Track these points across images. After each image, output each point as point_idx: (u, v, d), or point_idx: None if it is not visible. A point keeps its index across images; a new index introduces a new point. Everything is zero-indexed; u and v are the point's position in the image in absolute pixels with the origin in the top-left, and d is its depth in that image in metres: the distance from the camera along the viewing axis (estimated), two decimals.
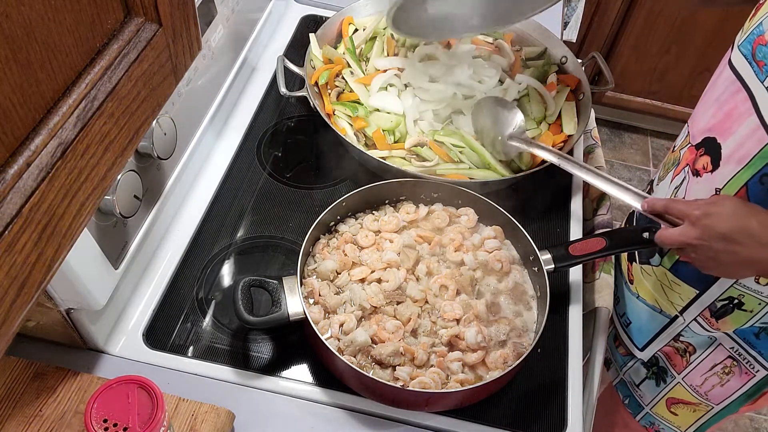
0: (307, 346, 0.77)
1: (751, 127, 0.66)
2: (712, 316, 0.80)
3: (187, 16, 0.42)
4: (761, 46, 0.66)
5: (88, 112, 0.34)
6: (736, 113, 0.69)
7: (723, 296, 0.77)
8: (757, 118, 0.65)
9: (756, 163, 0.66)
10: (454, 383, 0.72)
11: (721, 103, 0.73)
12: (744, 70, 0.68)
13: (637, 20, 1.93)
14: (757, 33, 0.67)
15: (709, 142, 0.73)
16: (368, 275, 0.79)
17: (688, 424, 0.94)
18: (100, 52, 0.35)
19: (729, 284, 0.76)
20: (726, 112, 0.71)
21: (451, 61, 1.01)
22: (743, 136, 0.68)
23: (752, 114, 0.66)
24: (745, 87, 0.68)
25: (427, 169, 0.91)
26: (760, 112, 0.65)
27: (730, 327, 0.80)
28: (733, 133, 0.69)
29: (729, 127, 0.70)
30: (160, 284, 0.83)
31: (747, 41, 0.68)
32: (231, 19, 0.94)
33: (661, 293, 0.84)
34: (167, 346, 0.78)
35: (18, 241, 0.32)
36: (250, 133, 1.02)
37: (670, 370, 0.89)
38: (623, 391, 1.02)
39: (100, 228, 0.68)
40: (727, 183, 0.70)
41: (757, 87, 0.66)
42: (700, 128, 0.76)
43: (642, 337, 0.91)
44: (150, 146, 0.72)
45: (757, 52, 0.66)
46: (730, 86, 0.71)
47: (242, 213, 0.92)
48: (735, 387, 0.86)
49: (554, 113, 0.99)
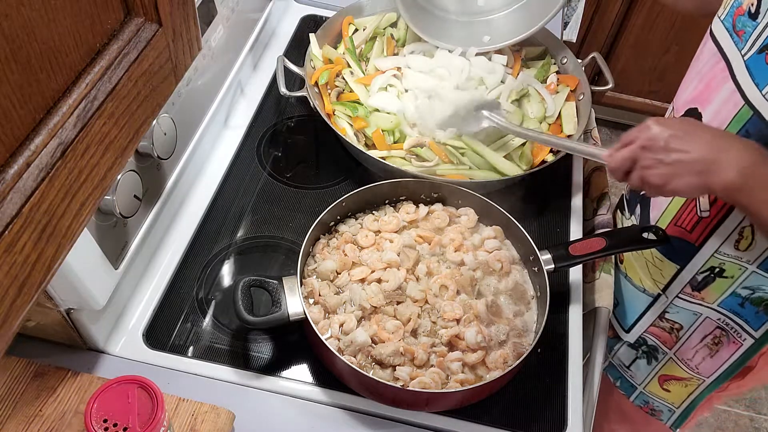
0: (307, 346, 0.77)
1: (727, 93, 0.68)
2: (694, 290, 0.82)
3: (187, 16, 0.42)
4: (740, 16, 0.68)
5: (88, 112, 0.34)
6: (715, 82, 0.71)
7: (704, 268, 0.79)
8: (733, 84, 0.67)
9: (733, 126, 0.68)
10: (454, 383, 0.72)
11: (702, 75, 0.75)
12: (724, 41, 0.70)
13: (637, 20, 1.93)
14: (736, 5, 0.69)
15: (691, 112, 0.75)
16: (368, 275, 0.79)
17: (681, 399, 0.96)
18: (100, 52, 0.35)
19: (709, 255, 0.77)
20: (706, 83, 0.73)
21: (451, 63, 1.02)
22: (720, 103, 0.70)
23: (728, 81, 0.68)
24: (723, 56, 0.70)
25: (427, 170, 0.91)
26: (735, 77, 0.67)
27: (713, 297, 0.81)
28: (712, 101, 0.71)
29: (709, 95, 0.72)
30: (160, 284, 0.83)
31: (728, 15, 0.70)
32: (231, 19, 0.94)
33: (645, 271, 0.86)
34: (167, 346, 0.78)
35: (18, 241, 0.32)
36: (250, 133, 1.02)
37: (661, 347, 0.91)
38: (613, 374, 1.03)
39: (100, 228, 0.68)
40: None
41: (734, 55, 0.68)
42: (683, 101, 0.79)
43: (628, 318, 0.92)
44: (150, 146, 0.72)
45: (737, 23, 0.68)
46: (711, 58, 0.73)
47: (242, 213, 0.92)
48: (724, 357, 0.87)
49: (554, 113, 0.99)
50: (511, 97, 0.99)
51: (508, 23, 1.02)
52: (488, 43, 1.02)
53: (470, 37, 1.03)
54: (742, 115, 0.67)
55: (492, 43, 1.02)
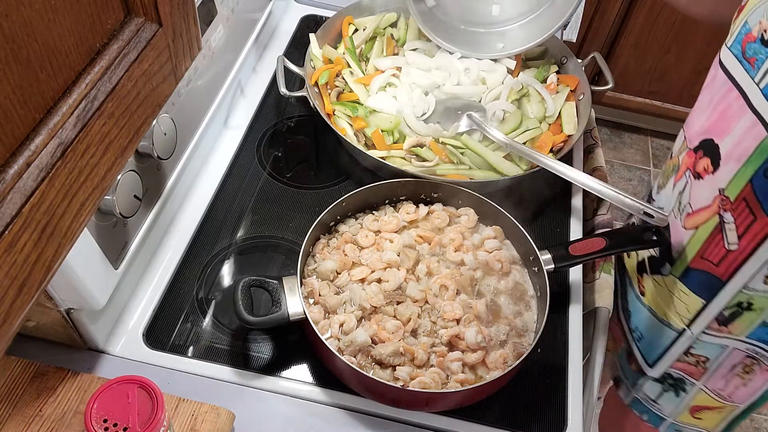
0: (307, 346, 0.77)
1: (747, 124, 0.66)
2: (720, 324, 0.78)
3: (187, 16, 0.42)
4: (750, 43, 0.66)
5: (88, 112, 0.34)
6: (731, 112, 0.69)
7: (731, 303, 0.75)
8: (753, 115, 0.65)
9: (756, 159, 0.66)
10: (454, 383, 0.72)
11: (714, 104, 0.72)
12: (735, 69, 0.68)
13: (637, 20, 1.93)
14: (744, 32, 0.67)
15: (706, 143, 0.73)
16: (368, 275, 0.79)
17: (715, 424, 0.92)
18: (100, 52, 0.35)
19: (737, 290, 0.74)
20: (720, 112, 0.71)
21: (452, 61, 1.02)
22: (740, 134, 0.67)
23: (747, 111, 0.66)
24: (736, 86, 0.68)
25: (427, 169, 0.91)
26: (755, 107, 0.65)
27: (740, 329, 0.78)
28: (730, 132, 0.69)
29: (725, 126, 0.70)
30: (160, 284, 0.83)
31: (736, 42, 0.68)
32: (231, 19, 0.94)
33: (669, 304, 0.82)
34: (167, 346, 0.78)
35: (18, 240, 0.32)
36: (250, 133, 1.02)
37: (688, 379, 0.87)
38: (639, 409, 0.99)
39: (100, 228, 0.68)
40: (730, 182, 0.69)
41: (748, 84, 0.66)
42: (696, 131, 0.76)
43: (652, 353, 0.88)
44: (150, 146, 0.72)
45: (746, 50, 0.66)
46: (722, 87, 0.71)
47: (242, 213, 0.92)
48: (759, 384, 0.84)
49: (554, 113, 0.99)
50: (511, 96, 0.99)
51: (521, 31, 1.03)
52: (502, 50, 1.03)
53: (485, 45, 1.04)
54: (766, 145, 0.64)
55: (506, 50, 1.03)
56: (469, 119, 0.94)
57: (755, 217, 0.67)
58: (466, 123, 0.94)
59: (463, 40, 1.04)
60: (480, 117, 0.94)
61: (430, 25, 1.02)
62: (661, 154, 2.32)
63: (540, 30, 1.00)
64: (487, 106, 0.98)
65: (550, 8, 0.99)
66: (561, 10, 0.97)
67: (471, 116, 0.94)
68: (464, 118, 0.94)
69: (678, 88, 2.07)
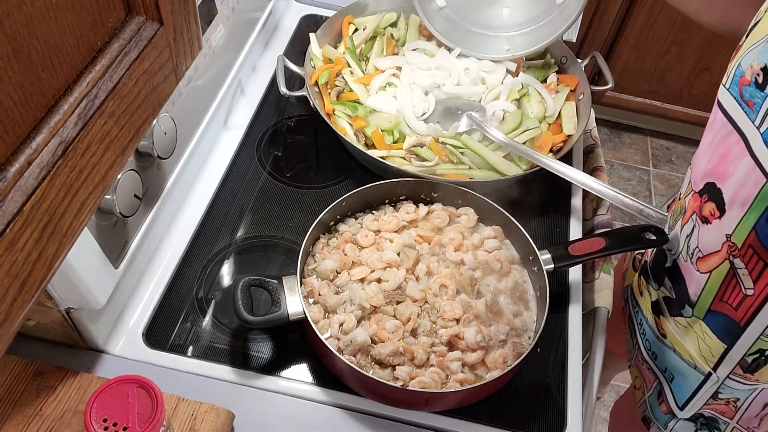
0: (307, 346, 0.77)
1: (747, 169, 0.64)
2: (745, 372, 0.76)
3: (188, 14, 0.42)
4: (746, 86, 0.64)
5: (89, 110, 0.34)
6: (731, 156, 0.67)
7: (752, 350, 0.73)
8: (752, 159, 0.63)
9: (758, 205, 0.63)
10: (454, 383, 0.72)
11: (715, 147, 0.70)
12: (734, 112, 0.66)
13: (637, 20, 1.93)
14: (739, 74, 0.66)
15: (709, 187, 0.71)
16: (368, 275, 0.79)
17: None
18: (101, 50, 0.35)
19: (756, 336, 0.72)
20: (721, 155, 0.69)
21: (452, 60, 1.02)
22: (741, 179, 0.65)
23: (746, 155, 0.64)
24: (736, 128, 0.66)
25: (427, 169, 0.91)
26: (754, 152, 0.63)
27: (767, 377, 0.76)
28: (731, 177, 0.67)
29: (725, 170, 0.68)
30: (160, 284, 0.83)
31: (733, 83, 0.67)
32: (231, 19, 0.94)
33: (695, 347, 0.80)
34: (167, 345, 0.78)
35: (19, 239, 0.32)
36: (250, 133, 1.02)
37: (721, 417, 0.84)
38: None
39: (101, 227, 0.68)
40: (735, 228, 0.67)
41: (748, 127, 0.64)
42: (700, 173, 0.74)
43: (682, 395, 0.86)
44: (150, 145, 0.72)
45: (744, 93, 0.65)
46: (722, 129, 0.69)
47: (242, 212, 0.92)
48: None
49: (554, 113, 0.99)
50: (511, 96, 0.99)
51: (528, 35, 1.03)
52: (507, 52, 1.03)
53: (492, 47, 1.04)
54: (766, 192, 0.62)
55: (511, 52, 1.03)
56: (469, 119, 0.94)
57: (766, 263, 0.65)
58: (466, 123, 0.94)
59: (471, 41, 1.04)
60: (480, 117, 0.95)
61: (437, 26, 1.02)
62: (660, 154, 2.32)
63: (545, 33, 1.00)
64: (487, 106, 0.98)
65: (559, 14, 0.99)
66: (567, 14, 0.97)
67: (471, 116, 0.95)
68: (464, 118, 0.95)
69: (678, 88, 2.08)
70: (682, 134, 2.32)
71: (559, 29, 0.98)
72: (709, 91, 2.03)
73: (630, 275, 0.98)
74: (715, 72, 1.99)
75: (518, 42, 1.03)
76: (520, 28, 1.04)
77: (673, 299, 0.82)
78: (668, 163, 2.29)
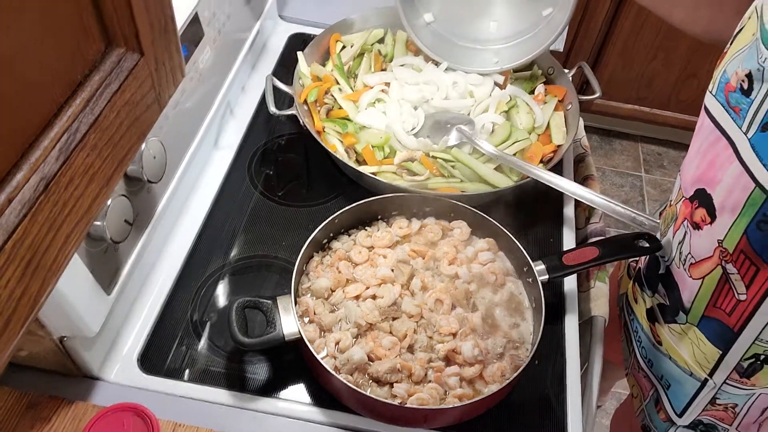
0: (304, 366, 0.77)
1: (735, 174, 0.64)
2: (742, 377, 0.76)
3: (170, 43, 0.42)
4: (731, 93, 0.65)
5: (71, 144, 0.34)
6: (719, 161, 0.67)
7: (747, 355, 0.73)
8: (740, 165, 0.63)
9: (748, 211, 0.64)
10: (453, 398, 0.71)
11: (703, 153, 0.71)
12: (722, 118, 0.67)
13: (623, 28, 1.94)
14: (724, 81, 0.66)
15: (700, 193, 0.72)
16: (363, 292, 0.78)
17: None
18: (81, 83, 0.35)
19: (750, 342, 0.72)
20: (709, 161, 0.70)
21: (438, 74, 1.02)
22: (730, 184, 0.66)
23: (734, 161, 0.64)
24: (724, 134, 0.66)
25: (419, 184, 0.91)
26: (742, 158, 0.63)
27: (764, 381, 0.76)
28: (720, 182, 0.67)
29: (714, 176, 0.68)
30: (154, 308, 0.82)
31: (719, 90, 0.67)
32: (218, 41, 0.94)
33: (690, 354, 0.80)
34: (162, 370, 0.77)
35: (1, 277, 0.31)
36: (241, 153, 1.02)
37: (720, 424, 0.84)
38: None
39: (91, 254, 0.68)
40: (727, 233, 0.68)
41: (736, 133, 0.64)
42: (689, 180, 0.74)
43: (679, 402, 0.86)
44: (139, 170, 0.72)
45: (730, 99, 0.65)
46: (710, 135, 0.69)
47: (235, 233, 0.92)
48: None
49: (543, 124, 1.00)
50: (500, 108, 1.00)
51: (516, 48, 1.04)
52: (496, 65, 1.03)
53: (480, 60, 1.04)
54: (755, 197, 0.62)
55: (500, 65, 1.03)
56: (459, 132, 0.95)
57: (758, 268, 0.66)
58: (456, 136, 0.95)
59: (459, 55, 1.04)
60: (469, 130, 0.95)
61: (424, 41, 1.03)
62: (651, 160, 2.33)
63: (533, 45, 1.01)
64: (476, 119, 0.98)
65: (546, 26, 1.00)
66: (553, 26, 0.98)
67: (460, 129, 0.95)
68: (454, 132, 0.95)
69: (666, 93, 2.09)
70: (672, 139, 2.33)
71: (547, 41, 0.99)
72: (696, 96, 2.04)
73: (625, 283, 0.98)
74: (702, 77, 2.00)
75: (506, 54, 1.04)
76: (507, 40, 1.04)
77: (667, 306, 0.82)
78: (660, 168, 2.30)
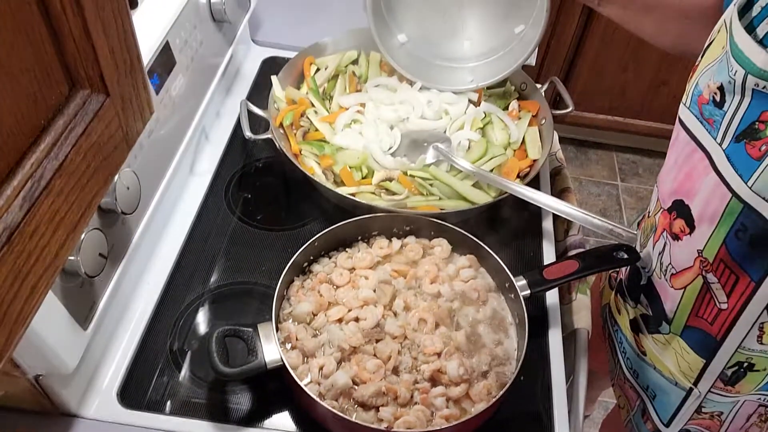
0: (288, 394, 0.76)
1: (712, 185, 0.65)
2: (726, 385, 0.77)
3: (136, 81, 0.41)
4: (704, 105, 0.66)
5: (35, 192, 0.33)
6: (696, 173, 0.68)
7: (731, 363, 0.74)
8: (716, 175, 0.64)
9: (726, 220, 0.64)
10: (440, 419, 0.71)
11: (680, 165, 0.72)
12: (697, 130, 0.68)
13: (593, 41, 1.98)
14: (697, 93, 0.67)
15: (677, 204, 0.72)
16: (345, 314, 0.78)
17: None
18: (45, 128, 0.34)
19: (733, 350, 0.73)
20: (686, 173, 0.70)
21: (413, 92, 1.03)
22: (707, 195, 0.66)
23: (710, 171, 0.65)
24: (699, 146, 0.67)
25: (397, 203, 0.91)
26: (718, 168, 0.64)
27: (748, 388, 0.77)
28: (697, 193, 0.68)
29: (691, 187, 0.69)
30: (133, 340, 0.81)
31: (693, 102, 0.68)
32: (191, 68, 0.94)
33: (674, 363, 0.81)
34: (143, 404, 0.76)
35: None
36: (218, 178, 1.01)
37: None
38: None
39: (66, 290, 0.66)
40: (706, 243, 0.68)
41: (710, 144, 0.65)
42: (667, 192, 0.75)
43: (665, 412, 0.86)
44: (113, 202, 0.71)
45: (703, 111, 0.66)
46: (685, 146, 0.70)
47: (214, 259, 0.91)
48: None
49: (518, 139, 1.01)
50: (475, 125, 1.01)
51: (490, 65, 1.05)
52: (471, 83, 1.04)
53: (456, 79, 1.05)
54: (733, 207, 0.63)
55: (475, 83, 1.04)
56: (436, 150, 0.95)
57: (738, 277, 0.66)
58: (433, 154, 0.95)
59: (434, 74, 1.05)
60: (446, 147, 0.95)
61: (399, 61, 1.03)
62: (627, 168, 2.37)
63: (507, 63, 1.02)
64: (452, 137, 0.99)
65: (519, 43, 1.01)
66: (526, 42, 0.99)
67: (437, 147, 0.95)
68: (430, 150, 0.95)
69: (638, 102, 2.13)
70: (646, 147, 2.37)
71: (520, 57, 1.00)
72: (668, 103, 2.08)
73: (607, 294, 0.99)
74: (672, 85, 2.04)
75: (481, 72, 1.05)
76: (481, 58, 1.05)
77: (650, 316, 0.82)
78: (635, 176, 2.33)
